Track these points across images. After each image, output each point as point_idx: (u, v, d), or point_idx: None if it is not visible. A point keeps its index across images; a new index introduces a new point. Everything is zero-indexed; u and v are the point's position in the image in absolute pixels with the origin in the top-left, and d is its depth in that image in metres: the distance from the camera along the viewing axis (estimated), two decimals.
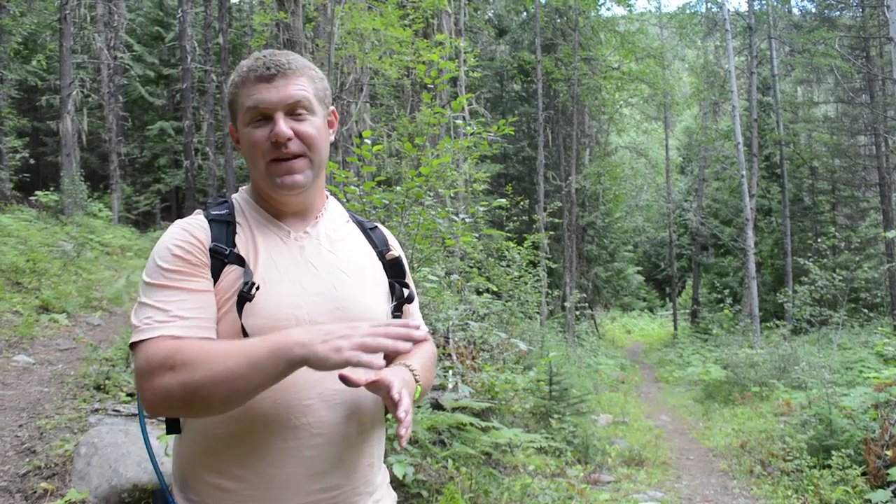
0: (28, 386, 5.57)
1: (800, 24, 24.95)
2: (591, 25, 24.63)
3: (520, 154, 25.55)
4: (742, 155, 18.53)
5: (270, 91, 1.42)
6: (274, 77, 1.42)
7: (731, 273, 27.81)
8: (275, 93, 1.42)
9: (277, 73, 1.42)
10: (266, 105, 1.41)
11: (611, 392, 14.46)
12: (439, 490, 4.49)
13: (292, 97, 1.43)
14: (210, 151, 20.71)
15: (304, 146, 1.44)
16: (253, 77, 1.43)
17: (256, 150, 1.43)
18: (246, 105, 1.43)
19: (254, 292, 1.36)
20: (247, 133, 1.45)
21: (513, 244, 11.65)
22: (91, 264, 11.27)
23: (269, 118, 1.42)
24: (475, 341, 7.85)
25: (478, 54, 17.35)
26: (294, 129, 1.42)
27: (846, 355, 12.59)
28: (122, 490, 3.77)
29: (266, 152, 1.43)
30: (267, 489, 1.36)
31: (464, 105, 6.04)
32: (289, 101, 1.42)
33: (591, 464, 7.38)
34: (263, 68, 1.42)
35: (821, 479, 6.15)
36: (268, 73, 1.42)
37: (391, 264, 1.65)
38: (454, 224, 6.00)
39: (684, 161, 36.94)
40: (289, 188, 1.44)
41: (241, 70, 1.46)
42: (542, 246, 16.92)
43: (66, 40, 16.20)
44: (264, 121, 1.43)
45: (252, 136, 1.43)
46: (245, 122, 1.45)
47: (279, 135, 1.40)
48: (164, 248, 1.40)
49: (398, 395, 1.29)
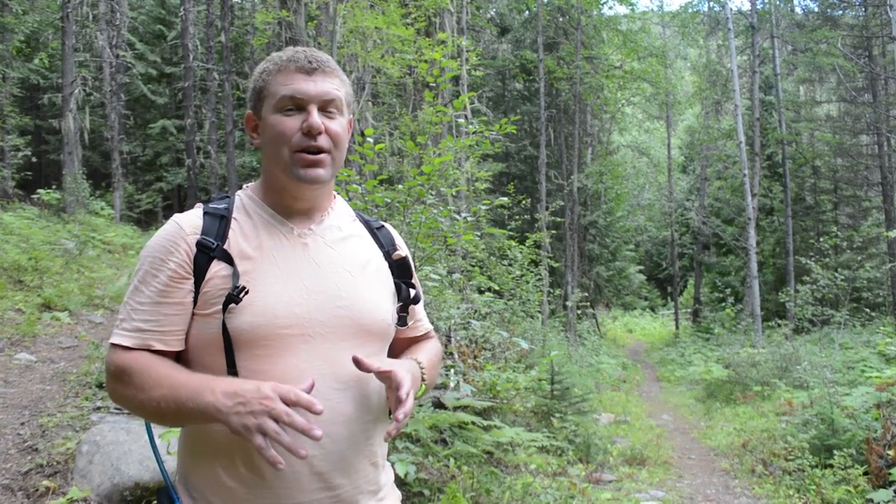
0: (30, 384, 5.57)
1: (802, 23, 24.90)
2: (593, 24, 24.62)
3: (522, 153, 25.53)
4: (744, 154, 18.52)
5: (309, 84, 1.44)
6: (315, 71, 1.45)
7: (732, 272, 27.78)
8: (313, 86, 1.44)
9: (318, 69, 1.46)
10: (303, 95, 1.43)
11: (612, 391, 14.46)
12: (441, 489, 4.49)
13: (329, 94, 1.46)
14: (212, 150, 20.68)
15: (331, 143, 1.46)
16: (293, 67, 1.45)
17: (283, 138, 1.44)
18: (281, 92, 1.44)
19: (242, 296, 1.36)
20: (275, 120, 1.45)
21: (514, 243, 11.65)
22: (93, 262, 11.27)
23: (302, 109, 1.44)
24: (477, 340, 7.85)
25: (480, 53, 17.33)
26: (325, 124, 1.44)
27: (848, 355, 12.57)
28: (124, 488, 3.78)
29: (295, 142, 1.43)
30: (270, 487, 1.37)
31: (466, 104, 6.03)
32: (325, 97, 1.45)
33: (593, 463, 7.38)
34: (305, 61, 1.45)
35: (822, 479, 6.15)
36: (309, 67, 1.45)
37: (397, 264, 1.65)
38: (456, 223, 6.00)
39: (686, 160, 36.90)
40: (311, 181, 1.45)
41: (278, 59, 1.48)
42: (544, 245, 16.91)
43: (69, 38, 16.20)
44: (296, 111, 1.44)
45: (282, 124, 1.44)
46: (275, 108, 1.45)
47: (314, 126, 1.42)
48: (149, 247, 1.44)
49: (405, 395, 1.34)
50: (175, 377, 1.33)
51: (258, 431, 1.21)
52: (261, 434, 1.21)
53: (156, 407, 1.32)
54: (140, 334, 1.38)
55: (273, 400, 1.22)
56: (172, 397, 1.30)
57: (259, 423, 1.21)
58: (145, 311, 1.39)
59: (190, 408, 1.28)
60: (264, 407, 1.21)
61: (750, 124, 21.47)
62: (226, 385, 1.27)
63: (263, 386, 1.24)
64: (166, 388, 1.31)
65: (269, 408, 1.21)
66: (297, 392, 1.23)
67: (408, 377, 1.38)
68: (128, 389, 1.35)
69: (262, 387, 1.24)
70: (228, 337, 1.36)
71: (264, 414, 1.21)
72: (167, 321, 1.39)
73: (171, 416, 1.33)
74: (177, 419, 1.35)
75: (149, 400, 1.32)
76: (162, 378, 1.32)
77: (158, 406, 1.31)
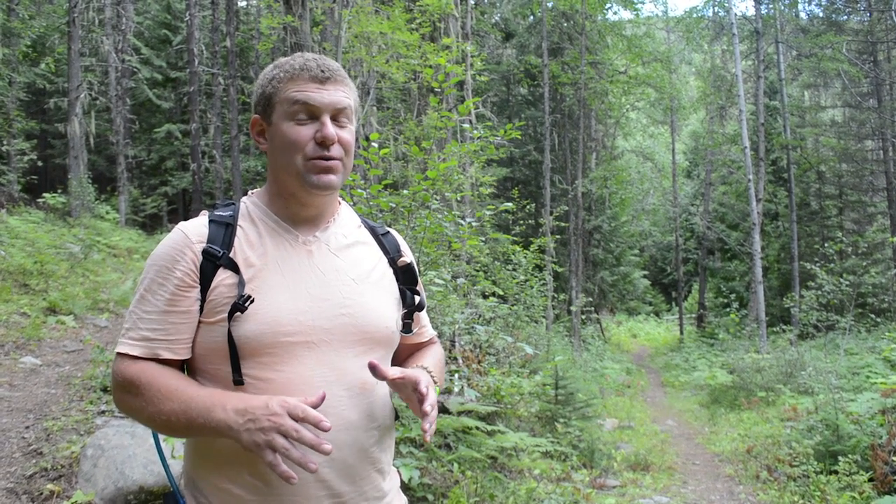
0: (35, 387, 5.58)
1: (807, 28, 24.86)
2: (597, 29, 24.62)
3: (526, 158, 25.53)
4: (749, 159, 18.48)
5: (322, 93, 1.45)
6: (327, 80, 1.46)
7: (737, 277, 27.70)
8: (326, 95, 1.45)
9: (330, 78, 1.46)
10: (316, 104, 1.44)
11: (617, 396, 14.43)
12: (445, 494, 4.49)
13: (341, 103, 1.46)
14: (217, 154, 20.76)
15: (342, 151, 1.47)
16: (306, 76, 1.45)
17: (296, 146, 1.44)
18: (293, 99, 1.44)
19: (247, 305, 1.37)
20: (287, 128, 1.45)
21: (519, 248, 11.64)
22: (98, 266, 11.30)
23: (314, 118, 1.45)
24: (481, 345, 7.84)
25: (484, 58, 17.33)
26: (337, 134, 1.45)
27: (853, 360, 12.52)
28: (129, 492, 3.78)
29: (308, 151, 1.44)
30: (275, 495, 1.37)
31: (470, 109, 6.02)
32: (337, 107, 1.46)
33: (597, 468, 7.36)
34: (318, 69, 1.46)
35: (827, 485, 6.13)
36: (322, 76, 1.45)
37: (402, 271, 1.65)
38: (460, 228, 6.00)
39: (691, 165, 36.90)
40: (323, 188, 1.46)
41: (289, 67, 1.47)
42: (549, 250, 16.89)
43: (75, 43, 16.29)
44: (309, 119, 1.45)
45: (294, 132, 1.44)
46: (287, 116, 1.45)
47: (329, 137, 1.43)
48: (155, 256, 1.44)
49: (425, 389, 1.37)
50: (184, 392, 1.33)
51: (268, 448, 1.22)
52: (271, 450, 1.22)
53: (165, 420, 1.32)
54: (147, 343, 1.39)
55: (281, 416, 1.22)
56: (183, 412, 1.30)
57: (269, 440, 1.22)
58: (152, 319, 1.39)
59: (200, 423, 1.29)
60: (273, 424, 1.22)
61: (755, 129, 21.43)
62: (236, 401, 1.27)
63: (272, 402, 1.24)
64: (176, 402, 1.31)
65: (277, 424, 1.22)
66: (304, 408, 1.23)
67: (423, 375, 1.41)
68: (136, 401, 1.36)
69: (270, 403, 1.24)
70: (234, 345, 1.36)
71: (273, 430, 1.22)
72: (174, 329, 1.40)
73: (182, 430, 1.34)
74: (187, 433, 1.35)
75: (158, 413, 1.32)
76: (171, 392, 1.32)
77: (168, 420, 1.32)
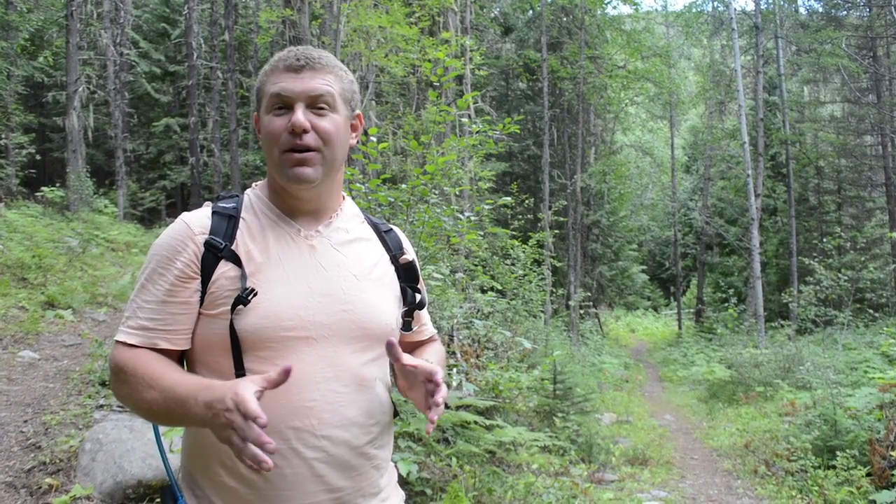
0: (33, 382, 5.58)
1: (806, 23, 24.85)
2: (597, 24, 24.58)
3: (525, 152, 25.52)
4: (748, 154, 18.47)
5: (296, 81, 1.43)
6: (302, 69, 1.44)
7: (735, 272, 27.74)
8: (300, 84, 1.42)
9: (306, 66, 1.44)
10: (289, 93, 1.42)
11: (615, 391, 14.47)
12: (443, 488, 4.49)
13: (315, 90, 1.43)
14: (215, 148, 20.71)
15: (320, 141, 1.43)
16: (282, 66, 1.44)
17: (272, 138, 1.43)
18: (270, 91, 1.44)
19: (250, 298, 1.36)
20: (267, 120, 1.45)
21: (517, 242, 11.63)
22: (96, 260, 11.29)
23: (290, 108, 1.43)
24: (479, 339, 7.85)
25: (483, 52, 17.30)
26: (312, 122, 1.42)
27: (851, 355, 12.55)
28: (127, 486, 3.79)
29: (282, 142, 1.42)
30: (270, 488, 1.37)
31: (469, 103, 6.03)
32: (311, 94, 1.43)
33: (595, 463, 7.38)
34: (293, 59, 1.44)
35: (825, 480, 6.14)
36: (297, 65, 1.44)
37: (404, 268, 1.64)
38: (459, 222, 6.00)
39: (690, 160, 36.87)
40: (298, 181, 1.43)
41: (273, 60, 1.48)
42: (547, 244, 16.90)
43: (73, 37, 16.22)
44: (285, 110, 1.43)
45: (271, 124, 1.43)
46: (267, 109, 1.45)
47: (296, 124, 1.40)
48: (157, 246, 1.44)
49: (441, 380, 1.38)
50: (165, 380, 1.31)
51: (229, 443, 1.19)
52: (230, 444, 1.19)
53: (147, 408, 1.33)
54: (146, 332, 1.39)
55: (233, 412, 1.17)
56: (163, 401, 1.30)
57: (226, 436, 1.19)
58: (151, 309, 1.39)
59: (179, 414, 1.28)
60: (227, 420, 1.18)
61: (754, 124, 21.42)
62: (206, 393, 1.24)
63: (227, 396, 1.19)
64: (157, 390, 1.30)
65: (230, 421, 1.17)
66: (245, 403, 1.16)
67: (438, 367, 1.41)
68: (123, 388, 1.36)
69: (226, 396, 1.19)
70: (236, 338, 1.36)
71: (228, 427, 1.18)
72: (173, 320, 1.39)
73: (164, 419, 1.34)
74: (169, 422, 1.34)
75: (142, 401, 1.33)
76: (154, 380, 1.32)
77: (150, 408, 1.32)
